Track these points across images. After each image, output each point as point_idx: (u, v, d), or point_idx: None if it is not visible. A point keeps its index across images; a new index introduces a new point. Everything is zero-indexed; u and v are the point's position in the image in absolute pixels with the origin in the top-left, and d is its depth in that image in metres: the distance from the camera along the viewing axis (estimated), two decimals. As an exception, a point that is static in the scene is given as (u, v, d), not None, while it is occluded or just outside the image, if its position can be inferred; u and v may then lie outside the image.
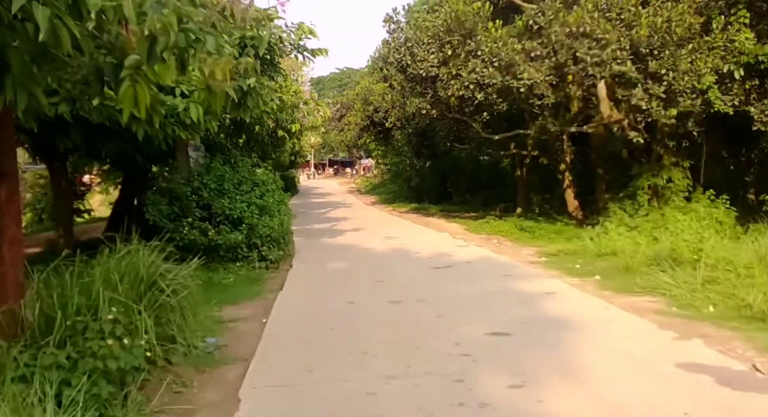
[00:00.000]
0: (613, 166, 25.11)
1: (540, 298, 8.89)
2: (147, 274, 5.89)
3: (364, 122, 33.04)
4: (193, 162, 13.02)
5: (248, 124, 13.70)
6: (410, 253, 14.05)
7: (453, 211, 27.68)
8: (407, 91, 22.24)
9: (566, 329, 7.05)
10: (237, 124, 14.21)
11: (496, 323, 7.35)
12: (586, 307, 8.34)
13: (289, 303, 9.02)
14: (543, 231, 18.03)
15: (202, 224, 11.59)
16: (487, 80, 16.54)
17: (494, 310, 8.15)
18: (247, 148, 18.20)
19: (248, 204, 12.33)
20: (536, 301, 8.63)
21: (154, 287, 5.89)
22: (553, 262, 12.63)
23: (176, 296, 6.06)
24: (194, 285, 6.81)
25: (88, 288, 5.27)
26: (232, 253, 11.86)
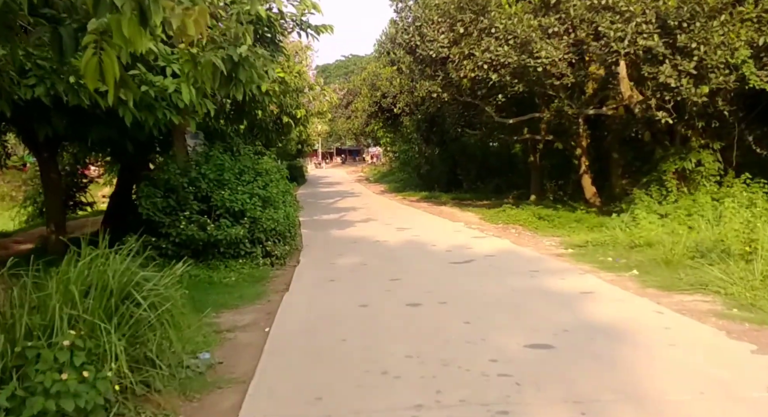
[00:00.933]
0: (628, 150, 24.17)
1: (577, 298, 7.89)
2: (119, 285, 4.89)
3: (372, 108, 32.03)
4: (191, 150, 12.04)
5: (249, 109, 12.71)
6: (425, 246, 13.07)
7: (464, 200, 26.73)
8: (416, 74, 21.17)
9: (617, 339, 6.05)
10: (237, 109, 13.21)
11: (533, 332, 6.36)
12: (634, 309, 7.33)
13: (296, 306, 8.05)
14: (562, 219, 17.00)
15: (200, 218, 10.63)
16: (501, 59, 15.48)
17: (528, 314, 7.15)
18: (250, 136, 17.22)
19: (250, 195, 11.35)
20: (574, 303, 7.63)
21: (128, 300, 4.90)
22: (581, 255, 11.62)
23: (156, 310, 5.04)
24: (180, 295, 5.72)
25: (45, 304, 4.30)
26: (234, 249, 10.90)
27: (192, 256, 10.67)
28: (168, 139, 12.17)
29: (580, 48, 15.26)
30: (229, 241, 10.62)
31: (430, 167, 33.44)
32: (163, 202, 10.58)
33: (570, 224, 16.28)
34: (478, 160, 31.63)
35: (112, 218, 13.61)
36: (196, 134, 12.78)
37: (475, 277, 9.49)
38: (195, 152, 11.92)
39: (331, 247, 13.51)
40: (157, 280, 5.32)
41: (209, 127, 14.46)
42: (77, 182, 20.50)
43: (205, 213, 10.92)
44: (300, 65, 11.89)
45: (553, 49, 14.93)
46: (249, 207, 11.08)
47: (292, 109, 17.29)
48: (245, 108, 12.77)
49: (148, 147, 11.89)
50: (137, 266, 5.39)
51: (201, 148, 12.17)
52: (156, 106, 8.91)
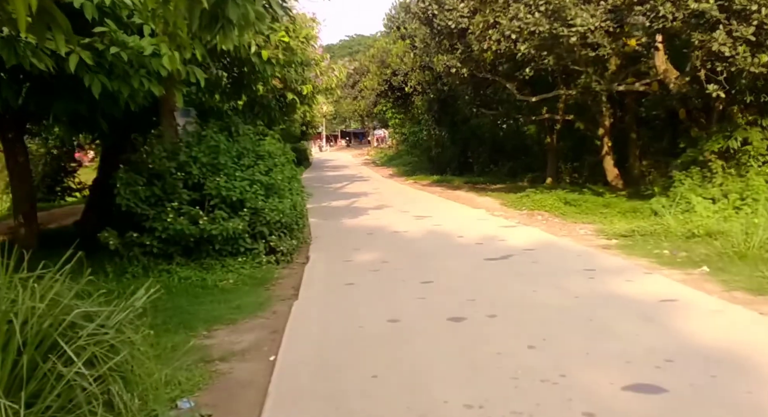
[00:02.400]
0: (645, 130, 22.52)
1: (660, 309, 6.28)
2: (38, 332, 3.24)
3: (381, 87, 30.30)
4: (181, 130, 10.41)
5: (248, 81, 11.05)
6: (451, 238, 11.47)
7: (478, 184, 25.15)
8: (432, 47, 19.42)
9: (746, 373, 4.46)
10: (235, 82, 11.55)
11: (627, 363, 4.76)
12: (739, 324, 5.72)
13: (308, 322, 6.46)
14: (589, 204, 15.43)
15: (191, 209, 9.03)
16: (531, 28, 13.77)
17: (608, 334, 5.55)
18: (251, 115, 15.58)
19: (251, 182, 9.75)
20: (660, 316, 6.01)
21: (55, 353, 3.25)
22: (630, 247, 10.00)
23: (102, 365, 3.38)
24: (143, 335, 4.11)
25: None
26: (232, 245, 9.31)
27: (183, 254, 9.15)
28: (154, 117, 10.56)
29: (621, 14, 13.53)
30: (226, 236, 9.03)
31: (440, 150, 31.73)
32: (146, 191, 8.98)
33: (599, 210, 14.74)
34: (490, 143, 30.02)
35: (94, 208, 12.03)
36: (188, 111, 11.14)
37: (522, 279, 7.87)
38: (185, 132, 10.28)
39: (345, 240, 11.92)
40: (105, 317, 3.65)
41: (203, 103, 12.84)
42: (65, 166, 18.92)
43: (197, 203, 9.34)
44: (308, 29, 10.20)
45: (588, 16, 13.24)
46: (249, 196, 9.48)
47: (298, 85, 15.60)
48: (244, 80, 11.12)
49: (129, 125, 10.26)
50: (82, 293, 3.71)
51: (192, 127, 10.53)
52: (131, 73, 7.29)
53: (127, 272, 8.68)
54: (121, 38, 7.09)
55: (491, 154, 30.05)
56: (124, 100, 7.72)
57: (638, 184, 19.29)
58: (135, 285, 8.40)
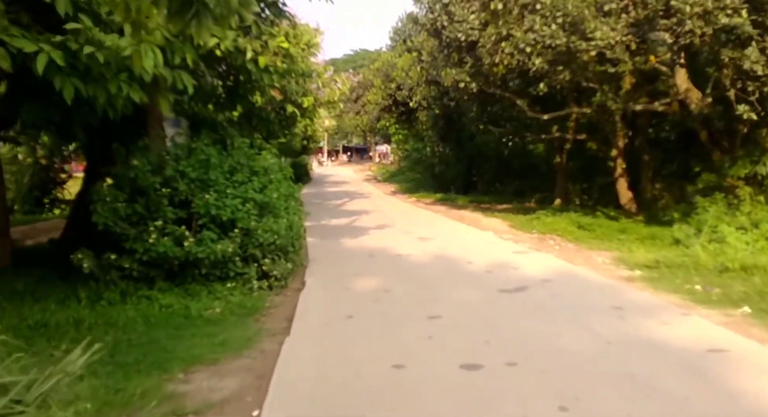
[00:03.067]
0: (659, 152, 21.75)
1: (709, 362, 5.42)
2: None
3: (386, 101, 29.54)
4: (170, 142, 9.61)
5: (244, 91, 10.26)
6: (459, 264, 10.63)
7: (483, 203, 24.36)
8: (440, 61, 18.65)
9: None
10: (230, 91, 10.78)
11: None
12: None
13: (300, 365, 5.61)
14: (604, 229, 14.61)
15: (176, 229, 8.20)
16: (547, 41, 13.01)
17: (654, 394, 4.69)
18: (248, 127, 14.80)
19: (243, 200, 8.92)
20: (711, 373, 5.16)
21: None
22: (657, 280, 9.16)
23: None
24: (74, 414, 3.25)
25: None
26: (221, 269, 8.47)
27: (166, 278, 8.31)
28: (140, 127, 9.76)
29: (643, 28, 12.79)
30: (214, 259, 8.19)
31: (444, 167, 30.93)
32: (126, 208, 8.15)
33: (615, 235, 13.90)
34: (496, 161, 29.25)
35: (76, 224, 11.19)
36: (178, 122, 10.36)
37: (542, 317, 7.01)
38: (174, 144, 9.48)
39: (344, 263, 11.08)
40: (24, 387, 2.79)
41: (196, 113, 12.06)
42: (54, 177, 18.09)
43: (183, 222, 8.51)
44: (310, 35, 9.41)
45: (609, 30, 12.50)
46: (241, 215, 8.64)
47: (298, 97, 14.84)
48: (239, 90, 10.34)
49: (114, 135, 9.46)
50: None
51: (183, 138, 9.73)
52: (108, 76, 6.49)
53: (103, 298, 7.84)
54: (97, 37, 6.30)
55: (496, 173, 29.29)
56: (102, 106, 6.92)
57: (650, 208, 18.50)
58: (111, 313, 7.70)
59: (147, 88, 7.40)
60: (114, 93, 6.45)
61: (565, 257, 11.42)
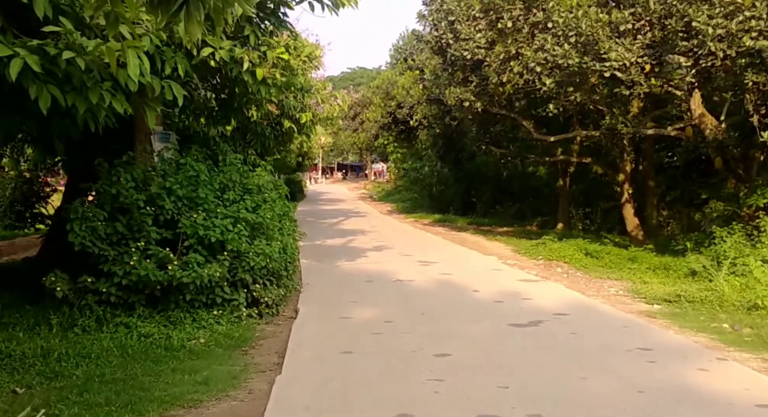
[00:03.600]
0: (664, 178, 21.21)
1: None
2: None
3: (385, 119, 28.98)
4: (158, 157, 8.95)
5: (239, 104, 9.62)
6: (465, 292, 9.95)
7: (483, 225, 23.75)
8: (444, 79, 18.10)
9: None
10: (223, 104, 10.15)
11: None
12: None
13: (293, 413, 4.91)
14: (613, 257, 13.95)
15: (160, 251, 7.52)
16: (559, 61, 12.45)
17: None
18: (242, 143, 14.17)
19: (234, 220, 8.25)
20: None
21: None
22: (680, 316, 8.49)
23: None
24: None
25: None
26: (207, 295, 7.77)
27: (147, 303, 7.62)
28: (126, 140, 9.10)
29: (661, 49, 12.24)
30: (200, 284, 7.50)
31: (443, 187, 30.31)
32: (106, 228, 7.47)
33: (625, 264, 13.26)
34: (495, 183, 28.68)
35: (55, 241, 10.48)
36: (167, 135, 9.68)
37: (563, 358, 6.32)
38: (161, 159, 8.81)
39: (340, 288, 10.39)
40: None
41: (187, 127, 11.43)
42: (37, 191, 17.31)
43: (168, 243, 7.85)
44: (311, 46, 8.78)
45: (624, 51, 11.96)
46: (231, 237, 7.97)
47: (296, 112, 14.23)
48: (234, 103, 9.70)
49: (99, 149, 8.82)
50: None
51: (172, 153, 9.05)
52: (89, 84, 5.84)
53: (77, 325, 7.14)
54: (78, 41, 5.66)
55: (496, 195, 28.70)
56: (82, 117, 6.26)
57: (656, 235, 17.91)
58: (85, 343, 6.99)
59: (133, 98, 6.79)
60: (95, 103, 5.79)
61: (576, 287, 10.78)
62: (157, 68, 7.00)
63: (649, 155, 18.93)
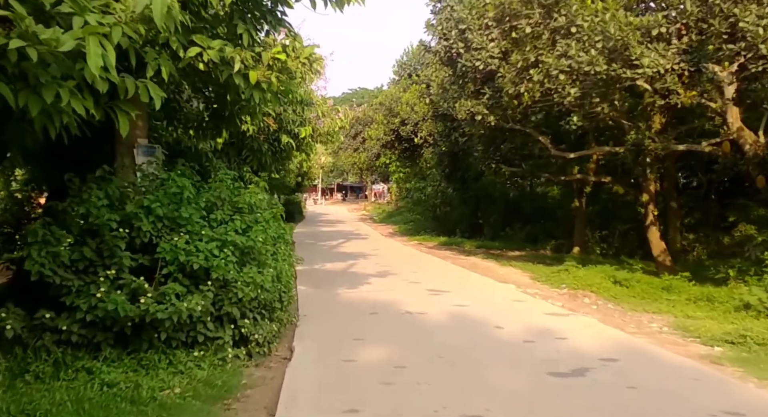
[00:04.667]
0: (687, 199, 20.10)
1: None
2: None
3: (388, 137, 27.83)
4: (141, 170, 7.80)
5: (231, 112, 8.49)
6: (486, 328, 8.73)
7: (493, 249, 22.52)
8: (454, 92, 17.02)
9: None
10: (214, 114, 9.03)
11: None
12: None
13: None
14: (644, 286, 12.72)
15: (133, 280, 6.34)
16: (585, 68, 11.38)
17: None
18: (238, 160, 13.05)
19: (221, 244, 7.08)
20: None
21: None
22: (752, 363, 7.21)
23: None
24: None
25: None
26: (187, 332, 6.58)
27: (115, 343, 6.41)
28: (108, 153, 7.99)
29: (699, 53, 11.16)
30: (179, 321, 6.30)
31: (449, 208, 29.10)
32: (72, 253, 6.29)
33: (660, 294, 12.06)
34: (503, 203, 27.49)
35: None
36: (152, 149, 8.53)
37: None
38: (142, 174, 7.66)
39: (341, 321, 9.18)
40: None
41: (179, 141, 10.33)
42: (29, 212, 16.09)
43: (145, 271, 6.68)
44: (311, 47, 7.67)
45: (658, 57, 10.89)
46: (217, 263, 6.79)
47: (295, 126, 13.14)
48: (225, 111, 8.57)
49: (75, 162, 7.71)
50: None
51: (156, 168, 7.88)
52: (44, 81, 4.71)
53: (29, 371, 5.91)
54: (32, 29, 4.54)
55: (504, 216, 27.49)
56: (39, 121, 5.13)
57: (681, 260, 16.70)
58: (34, 395, 5.77)
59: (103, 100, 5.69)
60: (50, 102, 4.66)
61: (612, 321, 9.57)
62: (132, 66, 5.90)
63: (671, 174, 17.81)
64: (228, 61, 7.01)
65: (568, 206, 24.48)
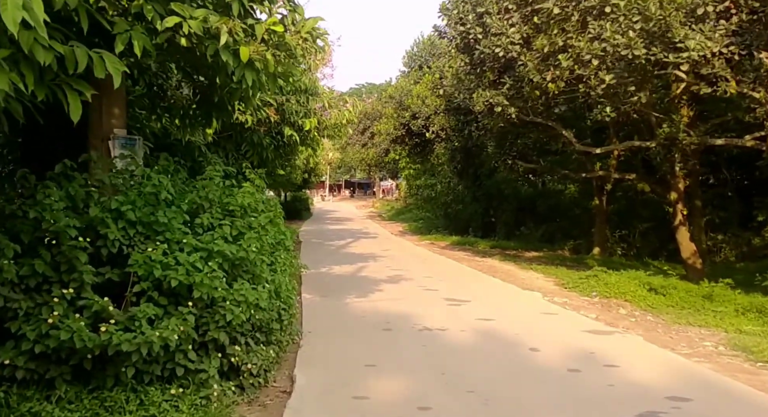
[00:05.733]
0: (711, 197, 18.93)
1: None
2: None
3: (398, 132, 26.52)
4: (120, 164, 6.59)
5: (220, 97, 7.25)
6: (519, 352, 7.48)
7: (508, 249, 21.31)
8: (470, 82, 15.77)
9: None
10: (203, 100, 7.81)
11: None
12: None
13: None
14: (682, 293, 11.47)
15: (95, 301, 5.15)
16: (622, 52, 10.13)
17: None
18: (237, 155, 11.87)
19: (207, 254, 5.89)
20: None
21: None
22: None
23: None
24: None
25: None
26: (164, 364, 5.38)
27: (74, 379, 5.23)
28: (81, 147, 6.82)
29: (746, 38, 9.92)
30: (151, 351, 5.10)
31: (461, 207, 27.82)
32: (20, 268, 5.10)
33: (702, 303, 10.87)
34: (516, 201, 26.26)
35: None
36: (132, 141, 7.32)
37: None
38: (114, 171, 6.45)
39: (351, 341, 7.95)
40: None
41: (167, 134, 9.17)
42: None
43: (115, 288, 5.51)
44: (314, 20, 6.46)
45: (704, 39, 9.64)
46: (201, 278, 5.57)
47: (298, 118, 11.94)
48: (213, 96, 7.35)
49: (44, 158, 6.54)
50: None
51: (134, 165, 6.65)
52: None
53: (-40, 417, 4.75)
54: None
55: (517, 215, 26.26)
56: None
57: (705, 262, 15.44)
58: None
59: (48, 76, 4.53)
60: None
61: (658, 339, 8.34)
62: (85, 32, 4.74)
63: (695, 171, 16.54)
64: (214, 34, 5.82)
65: (585, 204, 23.29)
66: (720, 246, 18.65)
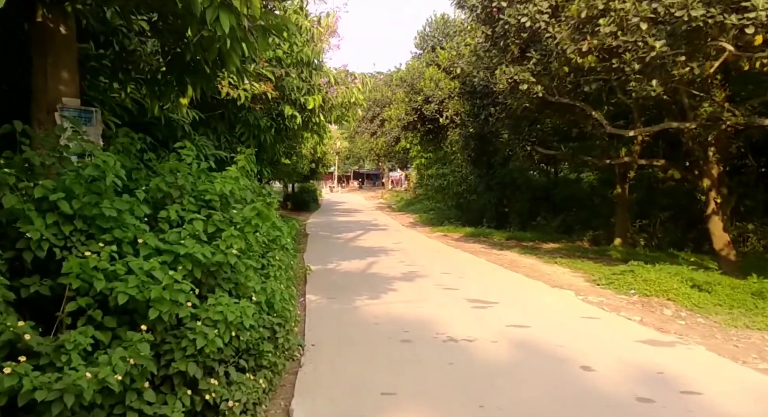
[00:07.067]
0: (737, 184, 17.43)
1: None
2: None
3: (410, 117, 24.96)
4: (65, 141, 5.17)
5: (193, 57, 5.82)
6: (570, 370, 6.04)
7: (525, 241, 19.92)
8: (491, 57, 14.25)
9: None
10: (173, 62, 6.35)
11: None
12: None
13: None
14: (728, 290, 10.09)
15: (6, 326, 3.72)
16: (678, 13, 8.65)
17: None
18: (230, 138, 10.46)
19: (171, 258, 4.48)
20: None
21: None
22: None
23: None
24: None
25: None
26: (111, 407, 3.97)
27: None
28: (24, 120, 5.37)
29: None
30: (82, 401, 3.68)
31: (475, 196, 26.34)
32: None
33: (753, 302, 9.55)
34: (529, 191, 24.82)
35: None
36: (88, 113, 5.88)
37: None
38: (55, 152, 5.01)
39: (363, 360, 6.48)
40: None
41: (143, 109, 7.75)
42: None
43: (47, 305, 4.10)
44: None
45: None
46: (159, 292, 4.14)
47: (300, 95, 10.50)
48: (186, 53, 5.89)
49: None
50: None
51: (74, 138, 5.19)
52: None
53: None
54: None
55: (532, 204, 24.83)
56: None
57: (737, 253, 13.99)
58: None
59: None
60: None
61: (721, 348, 6.99)
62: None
63: (728, 156, 15.02)
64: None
65: (604, 193, 21.90)
66: (746, 235, 17.26)
